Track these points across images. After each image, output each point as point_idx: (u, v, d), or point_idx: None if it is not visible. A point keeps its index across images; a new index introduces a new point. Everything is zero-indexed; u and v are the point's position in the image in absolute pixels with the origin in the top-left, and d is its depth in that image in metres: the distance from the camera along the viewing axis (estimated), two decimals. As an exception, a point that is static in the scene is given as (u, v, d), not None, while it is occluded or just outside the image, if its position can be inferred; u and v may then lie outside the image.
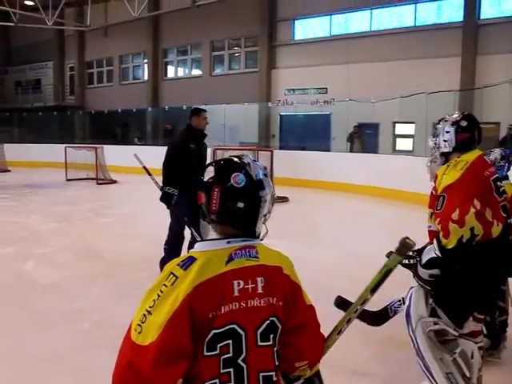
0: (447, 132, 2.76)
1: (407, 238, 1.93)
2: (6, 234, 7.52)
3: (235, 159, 1.52)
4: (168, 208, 5.08)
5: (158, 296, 1.36)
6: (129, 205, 10.97)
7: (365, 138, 15.65)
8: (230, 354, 1.37)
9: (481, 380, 2.65)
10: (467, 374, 2.42)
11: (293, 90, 18.41)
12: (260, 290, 1.43)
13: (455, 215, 2.37)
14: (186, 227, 5.07)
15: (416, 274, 2.59)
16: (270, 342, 1.43)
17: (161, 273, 1.44)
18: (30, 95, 27.05)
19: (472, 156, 2.67)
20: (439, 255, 2.44)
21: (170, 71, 23.23)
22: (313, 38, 18.15)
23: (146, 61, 23.36)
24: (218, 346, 1.36)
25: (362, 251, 6.29)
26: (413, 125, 15.07)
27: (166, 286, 1.37)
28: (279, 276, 1.49)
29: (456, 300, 2.50)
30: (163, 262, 5.02)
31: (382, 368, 3.34)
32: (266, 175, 1.53)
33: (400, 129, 16.09)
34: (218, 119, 18.23)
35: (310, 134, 16.65)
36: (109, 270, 5.65)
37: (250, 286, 1.42)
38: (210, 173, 1.48)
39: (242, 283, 1.41)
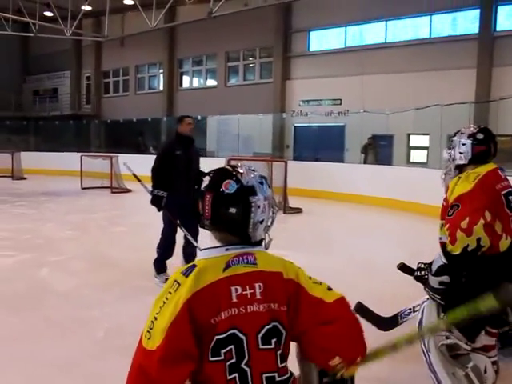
0: (463, 144, 2.79)
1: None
2: (23, 241, 7.62)
3: (228, 168, 1.58)
4: (158, 210, 5.42)
5: (164, 303, 1.43)
6: (143, 214, 10.96)
7: (379, 149, 15.64)
8: (234, 360, 1.40)
9: None
10: None
11: (307, 101, 18.46)
12: (258, 296, 1.45)
13: (464, 224, 2.40)
14: (179, 230, 5.27)
15: (427, 285, 2.60)
16: (272, 346, 1.44)
17: (165, 282, 1.50)
18: (47, 104, 27.46)
19: (485, 169, 2.69)
20: (445, 261, 2.47)
21: (185, 81, 23.43)
22: (328, 49, 18.23)
23: (161, 71, 23.60)
24: (222, 352, 1.40)
25: (375, 262, 6.27)
26: (427, 137, 15.03)
27: (170, 293, 1.44)
28: (279, 281, 1.51)
29: None
30: (155, 263, 5.56)
31: (392, 380, 3.32)
32: (261, 183, 1.55)
33: (414, 140, 16.05)
34: (233, 129, 18.35)
35: (323, 145, 16.66)
36: (123, 278, 5.69)
37: (248, 291, 1.44)
38: (205, 182, 1.54)
39: (239, 289, 1.44)
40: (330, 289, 1.61)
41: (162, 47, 22.65)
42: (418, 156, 15.70)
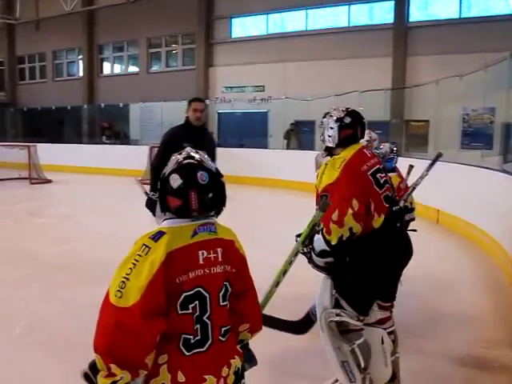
0: (331, 128, 2.82)
1: (326, 196, 2.41)
2: None
3: (191, 161, 1.71)
4: (154, 215, 4.65)
5: (134, 265, 1.58)
6: (65, 205, 10.73)
7: (301, 135, 15.98)
8: (198, 313, 1.63)
9: (398, 361, 2.85)
10: (362, 364, 2.58)
11: (230, 87, 18.50)
12: (220, 259, 1.70)
13: (335, 216, 2.52)
14: None
15: (311, 261, 2.73)
16: (227, 302, 1.72)
17: (133, 246, 1.65)
18: (-45, 91, 25.77)
19: (350, 152, 2.74)
20: (327, 248, 2.61)
21: (106, 68, 22.75)
22: (250, 36, 18.33)
23: (80, 57, 22.78)
24: (190, 306, 1.62)
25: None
26: (347, 122, 15.49)
27: (140, 255, 1.60)
28: (233, 248, 1.78)
29: (354, 290, 2.63)
30: None
31: (295, 356, 3.50)
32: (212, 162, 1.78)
33: (335, 126, 16.49)
34: (156, 117, 18.11)
35: (247, 131, 16.85)
36: (42, 272, 5.54)
37: (212, 255, 1.68)
38: (176, 180, 1.67)
39: (205, 253, 1.67)
40: None
41: (81, 32, 21.82)
42: (339, 141, 16.16)
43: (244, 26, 18.70)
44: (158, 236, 1.63)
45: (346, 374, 2.60)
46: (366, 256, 2.62)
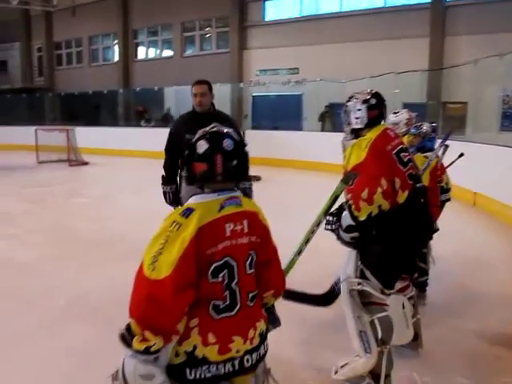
0: (359, 110, 2.87)
1: (350, 171, 2.64)
2: (-21, 215, 7.50)
3: (218, 129, 1.84)
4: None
5: (166, 241, 1.68)
6: (103, 186, 10.99)
7: (336, 117, 15.84)
8: (227, 280, 1.74)
9: (419, 322, 3.18)
10: (379, 337, 2.64)
11: (264, 70, 18.46)
12: (246, 230, 1.80)
13: (364, 194, 2.59)
14: None
15: (339, 238, 2.82)
16: (253, 270, 1.84)
17: (163, 222, 1.75)
18: (-4, 77, 26.39)
19: (375, 133, 2.81)
20: (353, 224, 2.69)
21: (141, 52, 22.96)
22: (284, 18, 18.17)
23: (115, 42, 23.04)
24: (220, 275, 1.73)
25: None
26: (382, 104, 15.28)
27: (171, 231, 1.69)
28: (257, 219, 1.88)
29: (380, 262, 2.71)
30: None
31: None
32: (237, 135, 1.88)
33: (370, 108, 16.29)
34: (190, 100, 18.21)
35: (282, 113, 16.74)
36: (83, 248, 5.74)
37: (238, 227, 1.78)
38: (203, 146, 1.77)
39: (232, 225, 1.76)
40: None
41: (116, 17, 22.04)
42: (373, 123, 15.98)
43: (277, 9, 18.55)
44: (187, 212, 1.73)
45: (362, 344, 2.68)
46: (392, 229, 2.72)
